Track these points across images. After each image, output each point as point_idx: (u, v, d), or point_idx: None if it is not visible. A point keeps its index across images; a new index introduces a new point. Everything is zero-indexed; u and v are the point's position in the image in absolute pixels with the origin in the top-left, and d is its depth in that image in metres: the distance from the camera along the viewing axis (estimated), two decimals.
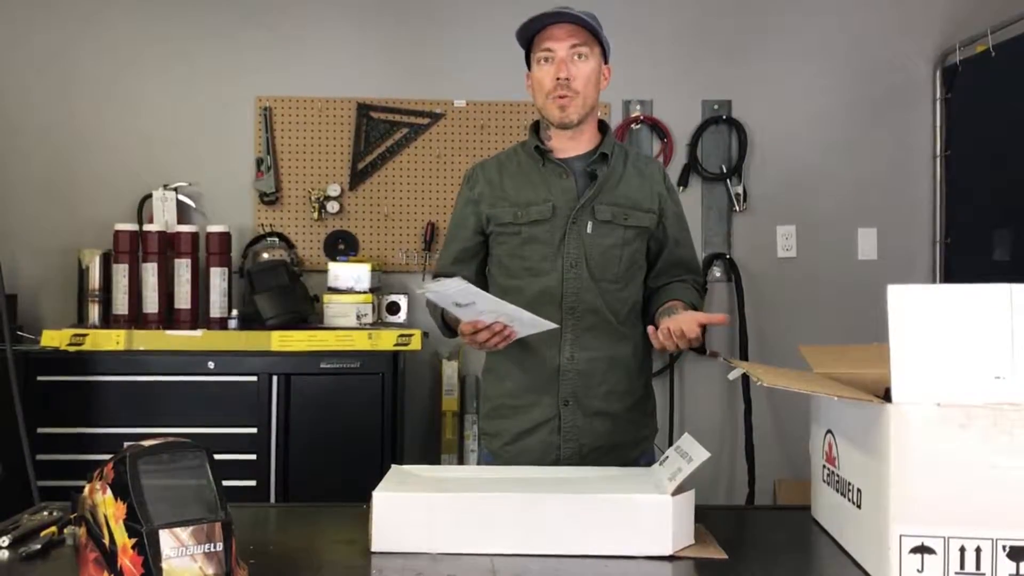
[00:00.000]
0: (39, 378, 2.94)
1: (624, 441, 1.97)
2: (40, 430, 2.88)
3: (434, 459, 3.39)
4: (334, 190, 3.52)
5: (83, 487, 1.24)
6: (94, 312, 3.22)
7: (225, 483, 1.22)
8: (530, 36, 1.95)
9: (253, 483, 2.95)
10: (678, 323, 1.78)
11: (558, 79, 1.90)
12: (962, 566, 1.22)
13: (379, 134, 3.56)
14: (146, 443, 1.21)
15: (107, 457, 1.22)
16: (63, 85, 3.48)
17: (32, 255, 3.41)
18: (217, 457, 1.23)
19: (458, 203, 2.08)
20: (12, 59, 3.46)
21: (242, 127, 3.53)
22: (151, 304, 3.19)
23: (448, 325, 2.02)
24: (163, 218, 3.35)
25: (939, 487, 1.22)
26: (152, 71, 3.51)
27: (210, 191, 3.51)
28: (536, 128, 2.04)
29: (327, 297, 3.25)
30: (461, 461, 3.35)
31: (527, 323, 1.78)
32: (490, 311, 1.74)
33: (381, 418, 3.00)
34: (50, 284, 3.42)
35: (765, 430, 3.58)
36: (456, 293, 1.70)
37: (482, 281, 2.07)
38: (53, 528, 1.44)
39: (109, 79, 3.50)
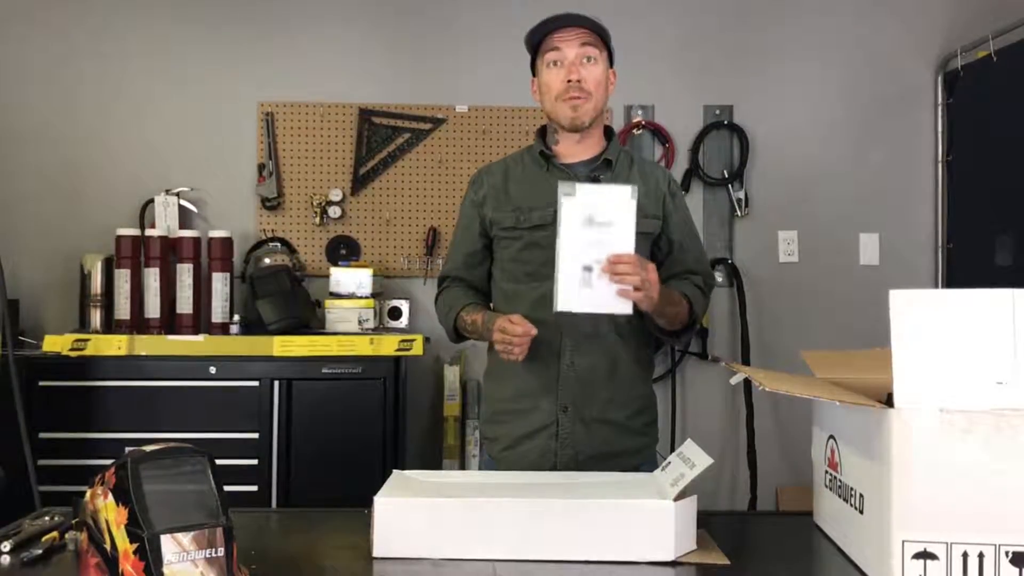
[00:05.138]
0: (41, 383, 2.94)
1: (624, 450, 1.97)
2: (42, 435, 2.88)
3: (436, 465, 3.39)
4: (336, 195, 3.53)
5: (84, 492, 1.24)
6: (96, 317, 3.22)
7: (226, 488, 1.22)
8: (538, 40, 1.95)
9: (255, 488, 2.95)
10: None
11: (569, 81, 1.90)
12: (965, 572, 1.21)
13: (381, 139, 3.56)
14: (148, 448, 1.21)
15: (109, 462, 1.22)
16: (65, 90, 3.49)
17: (34, 260, 3.41)
18: (219, 462, 1.23)
19: (464, 207, 2.09)
20: (15, 65, 3.47)
21: (244, 132, 3.54)
22: (153, 309, 3.20)
23: (457, 330, 2.02)
24: (165, 223, 3.35)
25: (941, 492, 1.21)
26: (154, 76, 3.52)
27: (212, 196, 3.51)
28: (543, 133, 2.04)
29: (329, 302, 3.25)
30: (463, 467, 3.35)
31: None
32: (617, 242, 1.74)
33: (383, 423, 3.00)
34: (52, 289, 3.42)
35: (767, 435, 3.58)
36: (607, 201, 1.74)
37: (489, 285, 2.08)
38: (54, 533, 1.44)
39: (111, 84, 3.50)
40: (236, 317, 3.21)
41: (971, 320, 1.24)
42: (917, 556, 1.22)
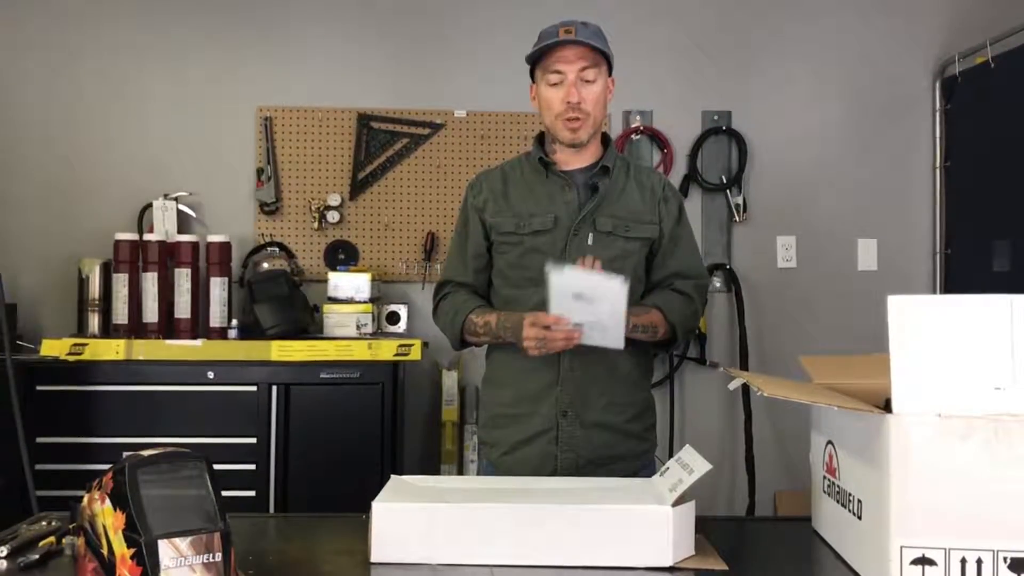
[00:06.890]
0: (38, 387, 2.94)
1: (623, 454, 1.97)
2: (39, 440, 2.87)
3: (434, 470, 3.38)
4: (334, 200, 3.53)
5: (82, 497, 1.23)
6: (94, 321, 3.22)
7: (224, 493, 1.22)
8: (538, 56, 1.95)
9: (252, 493, 2.95)
10: None
11: (569, 103, 1.91)
12: None
13: (379, 144, 3.56)
14: (145, 453, 1.21)
15: (106, 467, 1.22)
16: (64, 95, 3.48)
17: (32, 264, 3.41)
18: (216, 467, 1.23)
19: (463, 212, 2.09)
20: (13, 70, 3.47)
21: (243, 137, 3.54)
22: (151, 314, 3.19)
23: (463, 336, 2.02)
24: (163, 228, 3.34)
25: (940, 498, 1.21)
26: (153, 81, 3.52)
27: (210, 201, 3.51)
28: (541, 140, 2.05)
29: (327, 307, 3.25)
30: (461, 472, 3.35)
31: (610, 331, 1.81)
32: (604, 313, 1.78)
33: (381, 428, 3.00)
34: (50, 293, 3.42)
35: (765, 441, 3.58)
36: (589, 287, 1.77)
37: (489, 290, 2.07)
38: (52, 538, 1.44)
39: (110, 89, 3.50)
40: (234, 322, 3.21)
41: (969, 326, 1.24)
42: (915, 562, 1.22)
